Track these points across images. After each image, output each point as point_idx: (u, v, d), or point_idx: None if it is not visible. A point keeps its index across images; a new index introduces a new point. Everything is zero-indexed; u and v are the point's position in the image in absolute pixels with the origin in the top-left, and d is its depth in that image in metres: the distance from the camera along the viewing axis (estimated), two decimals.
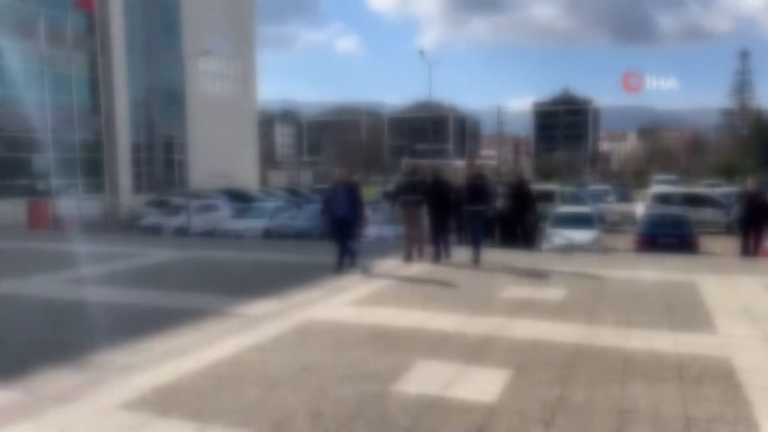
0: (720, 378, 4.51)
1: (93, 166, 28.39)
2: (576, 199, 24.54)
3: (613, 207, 26.96)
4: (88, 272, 9.75)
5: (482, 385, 4.39)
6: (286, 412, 3.98)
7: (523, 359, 4.97)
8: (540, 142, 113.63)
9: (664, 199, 23.71)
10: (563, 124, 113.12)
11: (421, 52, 48.05)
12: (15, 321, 6.86)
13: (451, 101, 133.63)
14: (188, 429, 3.73)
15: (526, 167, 71.63)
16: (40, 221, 20.88)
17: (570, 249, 13.70)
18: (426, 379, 4.54)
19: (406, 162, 10.86)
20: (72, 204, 21.63)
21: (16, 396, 4.32)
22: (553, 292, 7.63)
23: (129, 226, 23.13)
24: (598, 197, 28.51)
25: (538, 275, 9.10)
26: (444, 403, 4.08)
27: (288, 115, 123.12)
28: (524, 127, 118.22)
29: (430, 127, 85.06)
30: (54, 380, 4.64)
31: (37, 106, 25.42)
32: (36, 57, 26.26)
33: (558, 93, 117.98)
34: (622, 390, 4.28)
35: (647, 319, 6.29)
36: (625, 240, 17.34)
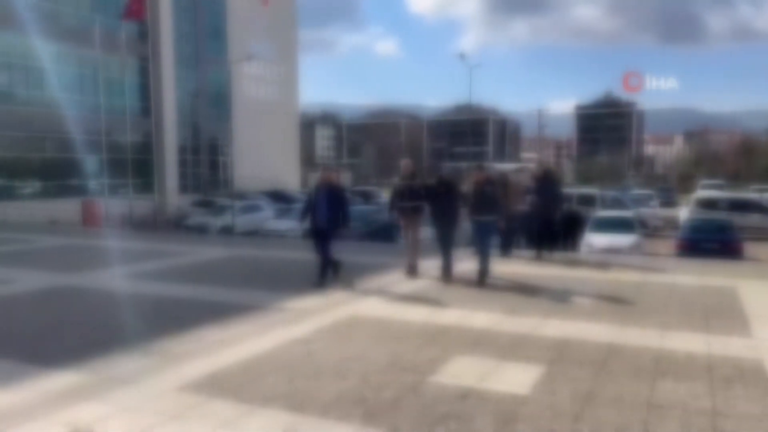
0: (750, 378, 4.61)
1: (142, 167, 29.48)
2: (617, 204, 24.28)
3: (656, 211, 26.55)
4: (143, 268, 10.31)
5: (515, 379, 4.61)
6: (331, 397, 4.29)
7: (555, 357, 5.17)
8: (582, 145, 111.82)
9: (709, 203, 23.21)
10: (606, 126, 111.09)
11: (462, 56, 48.21)
12: (82, 311, 7.39)
13: (492, 104, 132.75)
14: (240, 411, 4.08)
15: (568, 170, 70.63)
16: (93, 219, 21.90)
17: (609, 253, 13.65)
18: (462, 372, 4.79)
19: (404, 162, 9.70)
20: (123, 203, 22.62)
21: (84, 378, 4.75)
22: (583, 300, 7.75)
23: (176, 226, 24.01)
24: (640, 202, 28.07)
25: (560, 286, 9.19)
26: (479, 393, 4.32)
27: (328, 118, 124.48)
28: (566, 130, 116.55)
29: (469, 129, 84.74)
30: (118, 364, 5.06)
31: (91, 109, 26.62)
32: (91, 62, 27.52)
33: (601, 95, 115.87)
34: (651, 386, 4.44)
35: (682, 321, 6.37)
36: (667, 245, 17.13)
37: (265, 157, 39.45)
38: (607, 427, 3.75)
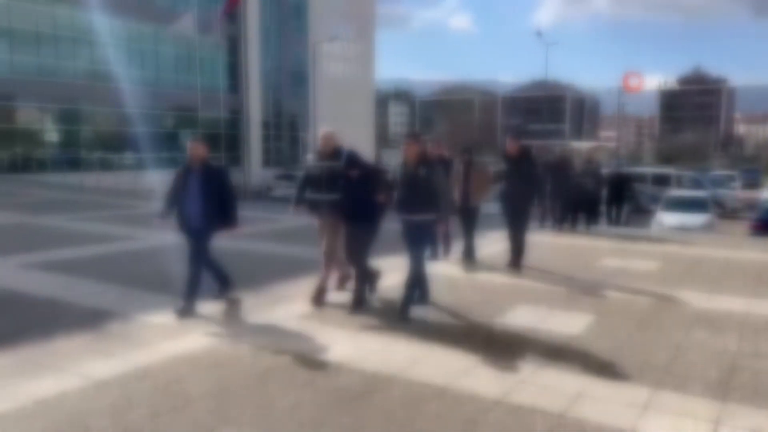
0: None
1: (231, 142, 31.59)
2: (695, 184, 24.00)
3: (735, 193, 25.96)
4: (247, 231, 11.72)
5: (569, 324, 5.50)
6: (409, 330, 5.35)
7: (605, 309, 6.00)
8: (665, 123, 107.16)
9: None
10: (692, 104, 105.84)
11: (538, 34, 47.57)
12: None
13: (569, 80, 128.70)
14: (342, 335, 5.19)
15: (647, 150, 68.30)
16: None
17: (679, 232, 13.96)
18: (523, 316, 5.73)
19: (324, 134, 6.34)
20: None
21: (224, 306, 6.00)
22: (646, 264, 8.41)
23: (261, 197, 25.81)
24: (720, 183, 27.48)
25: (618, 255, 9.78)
26: (536, 332, 5.26)
27: (401, 94, 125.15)
28: (648, 108, 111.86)
29: (545, 106, 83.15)
30: (250, 297, 6.27)
31: (186, 87, 28.75)
32: (185, 43, 29.63)
33: (688, 71, 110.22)
34: (685, 334, 5.22)
35: (732, 287, 6.98)
36: (743, 226, 17.09)
37: (341, 134, 40.74)
38: (637, 358, 4.59)
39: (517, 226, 7.94)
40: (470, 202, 8.10)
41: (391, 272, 6.65)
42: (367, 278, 6.17)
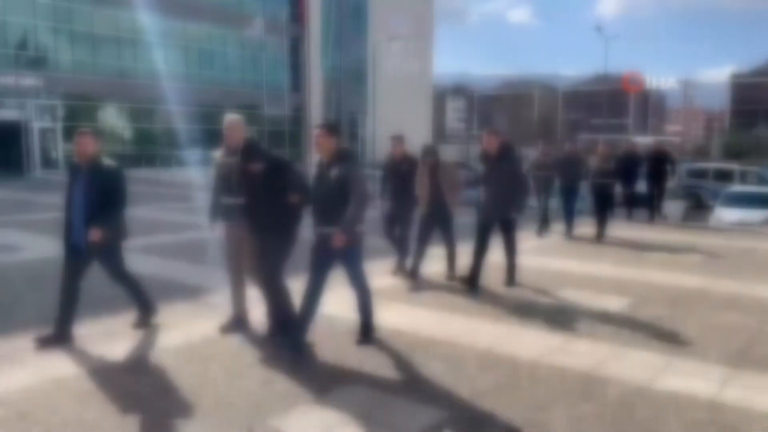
0: None
1: (293, 139, 33.01)
2: (761, 180, 23.43)
3: None
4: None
5: (609, 304, 6.10)
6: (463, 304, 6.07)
7: (644, 294, 6.54)
8: (737, 117, 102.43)
9: None
10: None
11: (598, 28, 46.64)
12: None
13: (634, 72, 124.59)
14: (404, 308, 5.97)
15: (714, 144, 65.76)
16: None
17: (738, 227, 13.98)
18: (570, 297, 6.36)
19: (229, 122, 5.17)
20: None
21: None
22: (689, 257, 8.80)
23: None
24: None
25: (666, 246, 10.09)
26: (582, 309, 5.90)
27: (459, 89, 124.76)
28: (719, 101, 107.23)
29: (607, 101, 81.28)
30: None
31: (252, 85, 30.26)
32: (252, 45, 31.15)
33: (763, 62, 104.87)
34: (714, 315, 5.72)
35: None
36: None
37: (400, 130, 41.65)
38: (664, 333, 5.16)
39: (506, 241, 6.83)
40: (443, 205, 6.97)
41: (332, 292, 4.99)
42: (281, 299, 4.86)
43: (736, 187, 18.45)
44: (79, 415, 3.63)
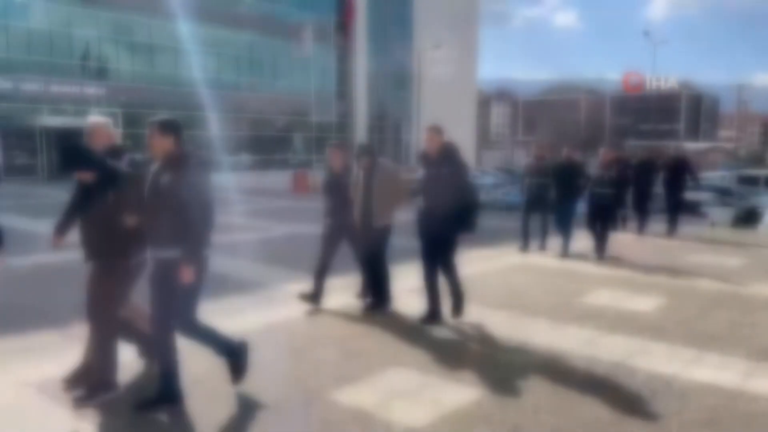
0: None
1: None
2: None
3: None
4: None
5: (642, 303, 6.38)
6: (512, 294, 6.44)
7: (678, 294, 6.78)
8: None
9: None
10: None
11: (646, 33, 45.88)
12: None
13: (684, 76, 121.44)
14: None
15: (760, 150, 63.49)
16: (302, 187, 26.16)
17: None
18: (603, 297, 6.67)
19: (91, 123, 4.12)
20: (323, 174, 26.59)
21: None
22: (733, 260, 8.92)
23: None
24: None
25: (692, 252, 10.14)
26: (617, 309, 6.21)
27: (504, 95, 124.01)
28: None
29: (657, 105, 79.44)
30: None
31: (299, 93, 31.19)
32: (301, 53, 32.13)
33: None
34: (745, 315, 5.95)
35: None
36: None
37: (444, 136, 42.07)
38: (695, 330, 5.43)
39: (441, 263, 5.59)
40: (373, 222, 5.77)
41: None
42: (110, 345, 3.89)
43: None
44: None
